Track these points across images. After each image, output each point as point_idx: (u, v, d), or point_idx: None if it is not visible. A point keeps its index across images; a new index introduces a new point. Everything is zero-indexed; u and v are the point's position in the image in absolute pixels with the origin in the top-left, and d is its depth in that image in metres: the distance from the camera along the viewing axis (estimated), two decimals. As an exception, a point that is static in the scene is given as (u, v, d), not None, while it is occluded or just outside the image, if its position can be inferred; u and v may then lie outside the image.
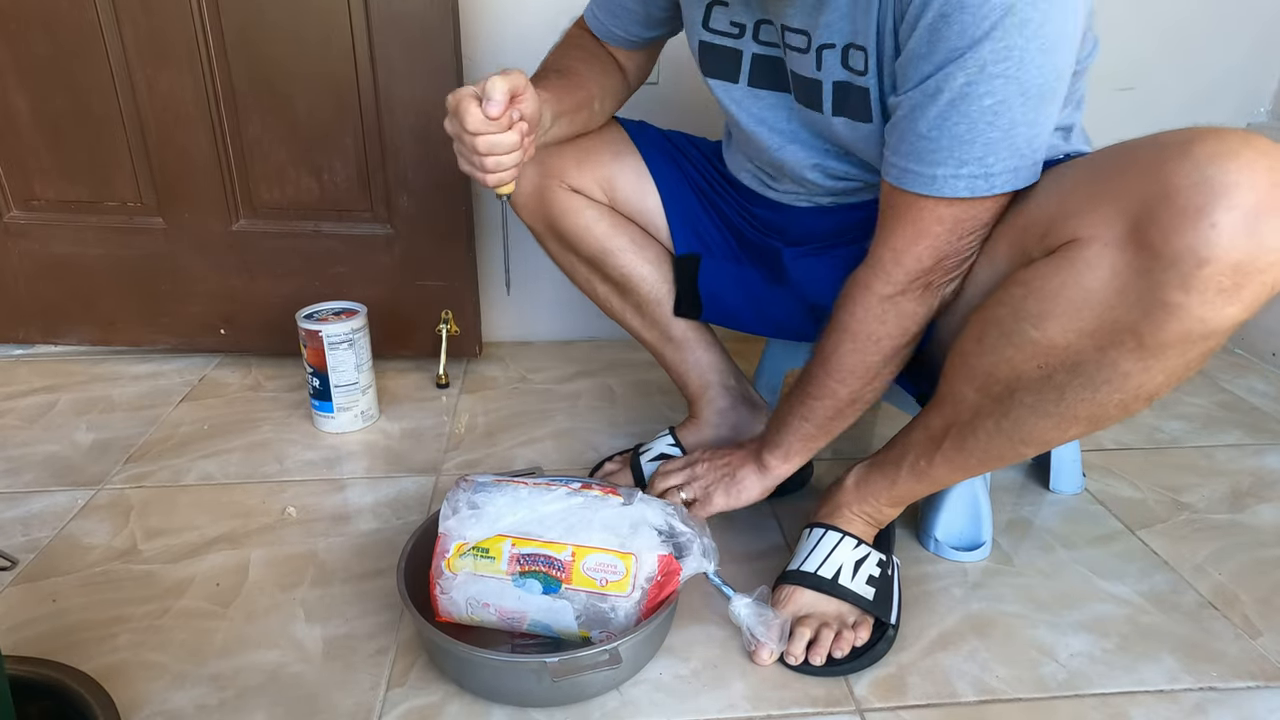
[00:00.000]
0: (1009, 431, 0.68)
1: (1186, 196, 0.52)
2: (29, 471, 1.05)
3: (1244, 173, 0.51)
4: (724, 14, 0.78)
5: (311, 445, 1.13)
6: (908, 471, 0.77)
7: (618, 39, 0.92)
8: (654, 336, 1.00)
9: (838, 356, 0.74)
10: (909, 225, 0.67)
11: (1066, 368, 0.61)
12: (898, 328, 0.72)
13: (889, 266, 0.69)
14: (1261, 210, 0.50)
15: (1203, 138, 0.53)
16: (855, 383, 0.75)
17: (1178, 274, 0.53)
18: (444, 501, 0.74)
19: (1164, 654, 0.76)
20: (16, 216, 1.30)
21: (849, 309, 0.73)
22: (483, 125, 0.70)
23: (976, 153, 0.62)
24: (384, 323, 1.25)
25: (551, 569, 0.70)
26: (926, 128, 0.62)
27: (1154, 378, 0.59)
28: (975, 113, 0.60)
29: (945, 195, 0.64)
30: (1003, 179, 0.63)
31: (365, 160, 1.25)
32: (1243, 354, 1.44)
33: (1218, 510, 0.99)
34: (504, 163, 0.72)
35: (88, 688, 0.64)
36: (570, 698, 0.70)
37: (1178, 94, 1.41)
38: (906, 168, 0.65)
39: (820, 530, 0.82)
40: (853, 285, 0.73)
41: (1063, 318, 0.60)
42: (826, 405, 0.77)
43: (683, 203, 0.94)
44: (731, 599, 0.75)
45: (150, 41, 1.17)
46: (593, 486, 0.76)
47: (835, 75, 0.70)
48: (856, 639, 0.75)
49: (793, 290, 0.90)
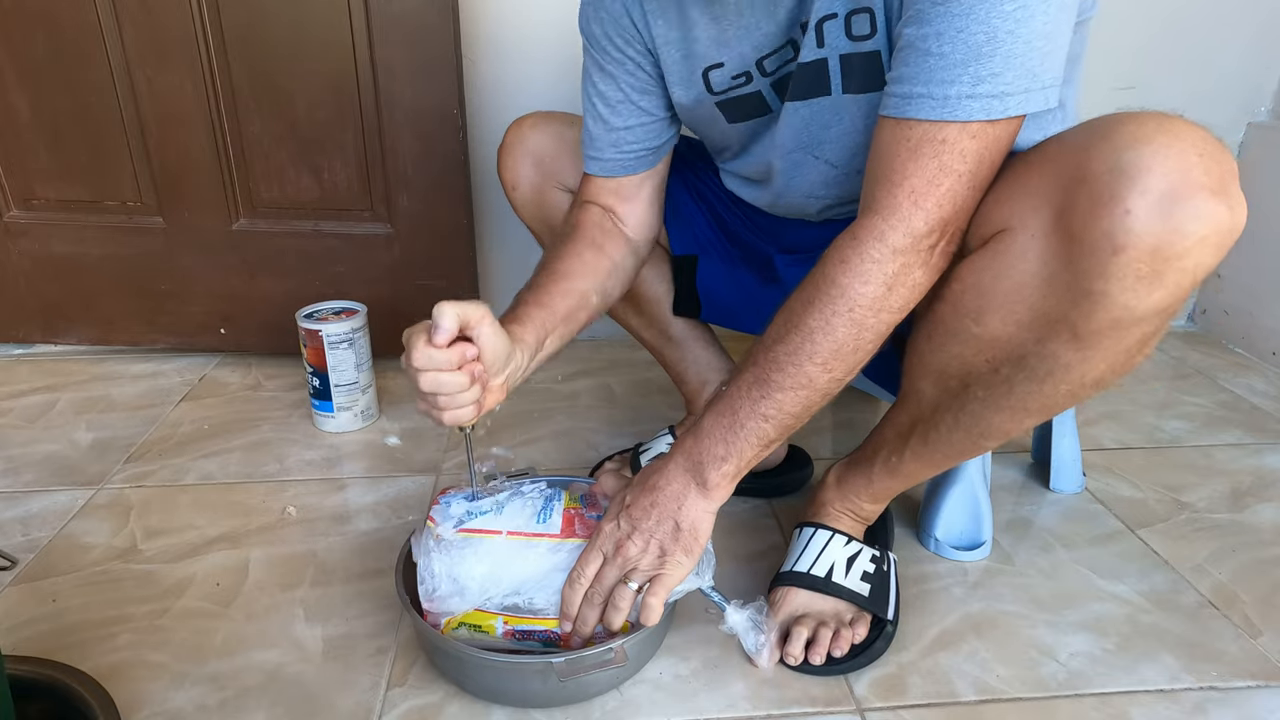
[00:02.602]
0: (967, 425, 0.68)
1: (1102, 183, 0.52)
2: (29, 471, 1.05)
3: (1157, 157, 0.50)
4: (722, 73, 0.75)
5: (311, 445, 1.13)
6: (881, 468, 0.78)
7: (626, 165, 0.83)
8: (653, 335, 1.01)
9: (825, 332, 0.62)
10: (930, 160, 0.58)
11: (1011, 361, 0.61)
12: (902, 296, 0.61)
13: (908, 211, 0.59)
14: (1176, 195, 0.50)
15: (1123, 122, 0.52)
16: (840, 366, 0.63)
17: (1097, 262, 0.53)
18: (420, 553, 0.70)
19: (1164, 653, 0.76)
20: (16, 216, 1.30)
21: (849, 268, 0.61)
22: (427, 361, 0.62)
23: (995, 67, 0.55)
24: (384, 322, 1.25)
25: (549, 637, 0.70)
26: (938, 43, 0.55)
27: (1095, 366, 0.59)
28: (997, 19, 0.53)
29: (959, 118, 0.56)
30: (1017, 100, 0.56)
31: (365, 160, 1.25)
32: (1243, 353, 1.44)
33: (1218, 510, 0.99)
34: (455, 400, 0.65)
35: (88, 688, 0.64)
36: (574, 697, 0.70)
37: (1178, 93, 1.41)
38: (911, 93, 0.57)
39: (810, 529, 0.82)
40: (854, 240, 0.61)
41: (1000, 311, 0.60)
42: (798, 398, 0.64)
43: (678, 204, 0.94)
44: (726, 611, 0.72)
45: (150, 41, 1.17)
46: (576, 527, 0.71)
47: (841, 48, 0.66)
48: (855, 637, 0.75)
49: (786, 291, 0.89)
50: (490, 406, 0.70)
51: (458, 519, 0.71)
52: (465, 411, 0.67)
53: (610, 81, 0.80)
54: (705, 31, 0.73)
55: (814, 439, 1.12)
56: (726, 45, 0.73)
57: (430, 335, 0.62)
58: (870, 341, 0.63)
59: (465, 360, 0.64)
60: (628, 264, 0.86)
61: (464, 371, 0.64)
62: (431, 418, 0.67)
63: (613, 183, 0.84)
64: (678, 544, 0.67)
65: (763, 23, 0.70)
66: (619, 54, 0.79)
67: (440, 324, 0.62)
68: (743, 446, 0.66)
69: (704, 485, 0.67)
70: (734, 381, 0.67)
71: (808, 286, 0.64)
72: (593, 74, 0.82)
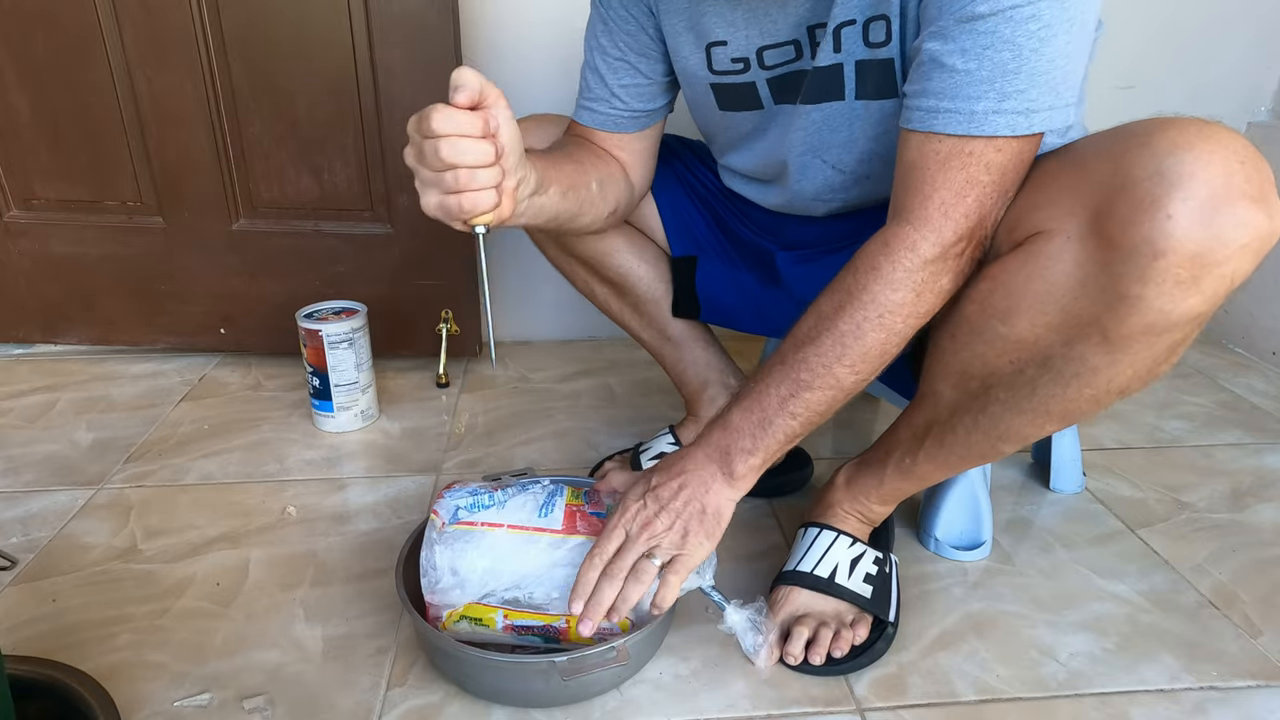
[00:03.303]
0: (986, 428, 0.68)
1: (1143, 188, 0.52)
2: (29, 471, 1.05)
3: (1199, 164, 0.50)
4: (724, 52, 0.76)
5: (311, 445, 1.13)
6: (894, 469, 0.77)
7: (618, 122, 0.84)
8: (652, 336, 1.00)
9: (856, 336, 0.64)
10: (958, 173, 0.60)
11: (1036, 363, 0.61)
12: (929, 303, 0.64)
13: (938, 222, 0.61)
14: (1217, 202, 0.50)
15: (1162, 129, 0.53)
16: (867, 368, 0.65)
17: (1136, 266, 0.53)
18: (424, 542, 0.70)
19: (1164, 653, 0.76)
20: (16, 216, 1.30)
21: (880, 275, 0.63)
22: (449, 123, 0.56)
23: (1020, 84, 0.56)
24: (384, 322, 1.25)
25: (548, 632, 0.70)
26: (963, 60, 0.57)
27: (1122, 371, 0.59)
28: (1021, 38, 0.55)
29: (985, 134, 0.58)
30: (1041, 117, 0.58)
31: (365, 160, 1.25)
32: (1243, 353, 1.44)
33: (1218, 510, 0.99)
34: (477, 178, 0.58)
35: (88, 688, 0.64)
36: (576, 696, 0.70)
37: (1178, 93, 1.41)
38: (938, 107, 0.59)
39: (815, 529, 0.81)
40: (885, 247, 0.63)
41: (1029, 312, 0.60)
42: (825, 397, 0.66)
43: (677, 205, 0.94)
44: (726, 610, 0.72)
45: (150, 41, 1.17)
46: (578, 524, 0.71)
47: (857, 54, 0.67)
48: (855, 638, 0.75)
49: (787, 291, 0.90)
50: (505, 216, 0.63)
51: (460, 512, 0.71)
52: (485, 195, 0.59)
53: (611, 38, 0.81)
54: (714, 7, 0.74)
55: (814, 439, 1.11)
56: (733, 26, 0.73)
57: (451, 98, 0.56)
58: (896, 345, 0.65)
59: (489, 131, 0.58)
60: (620, 184, 0.84)
61: (487, 141, 0.58)
62: (446, 208, 0.59)
63: (603, 135, 0.85)
64: (702, 526, 0.68)
65: (773, 11, 0.70)
66: (624, 12, 0.80)
67: (463, 83, 0.56)
68: (769, 441, 0.67)
69: (731, 475, 0.69)
70: (762, 378, 0.68)
71: (838, 291, 0.65)
72: (595, 25, 0.83)
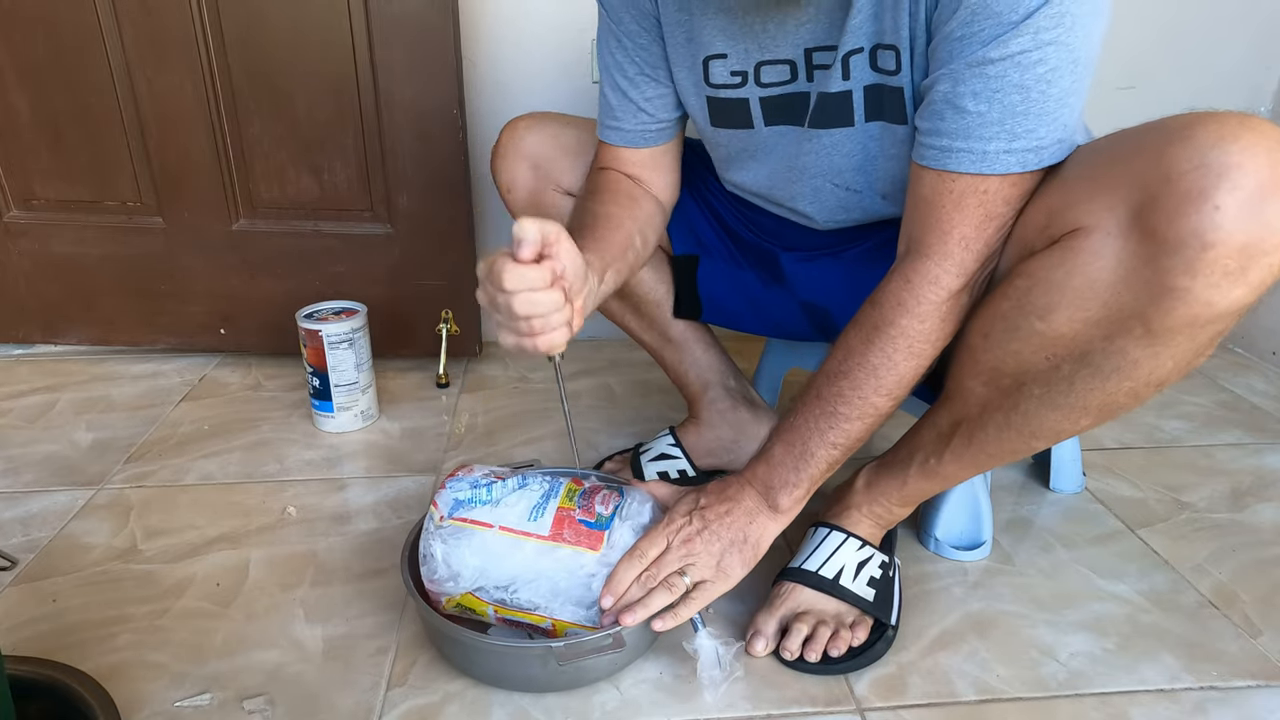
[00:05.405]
0: (1019, 425, 0.68)
1: (1189, 180, 0.52)
2: (29, 471, 1.05)
3: (1245, 154, 0.50)
4: (723, 65, 0.75)
5: (311, 445, 1.13)
6: (917, 470, 0.77)
7: (646, 136, 0.84)
8: (653, 338, 1.00)
9: (889, 367, 0.67)
10: (976, 210, 0.63)
11: (1074, 358, 0.61)
12: (954, 325, 0.67)
13: (960, 256, 0.64)
14: (1265, 191, 0.50)
15: (1203, 122, 0.53)
16: (900, 393, 0.69)
17: (1183, 259, 0.53)
18: (423, 530, 0.73)
19: (1164, 653, 0.76)
20: (16, 216, 1.30)
21: (906, 310, 0.66)
22: (520, 281, 0.60)
23: (1029, 124, 0.60)
24: (384, 322, 1.25)
25: (536, 629, 0.72)
26: (975, 102, 0.60)
27: (1163, 364, 0.59)
28: (1030, 81, 0.58)
29: (998, 172, 0.61)
30: (1050, 151, 0.61)
31: (365, 160, 1.25)
32: (1243, 353, 1.44)
33: (1218, 510, 0.99)
34: (551, 322, 0.62)
35: (88, 688, 0.64)
36: (573, 682, 0.71)
37: (1178, 93, 1.41)
38: (951, 147, 0.62)
39: (825, 530, 0.81)
40: (908, 284, 0.66)
41: (1069, 308, 0.60)
42: (864, 426, 0.70)
43: (679, 204, 0.94)
44: (699, 631, 0.71)
45: (150, 41, 1.17)
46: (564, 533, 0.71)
47: (866, 79, 0.68)
48: (854, 639, 0.75)
49: (790, 291, 0.89)
50: (577, 329, 0.66)
51: (456, 506, 0.72)
52: (560, 333, 0.64)
53: (627, 54, 0.81)
54: (714, 20, 0.74)
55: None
56: (733, 39, 0.73)
57: (516, 253, 0.60)
58: (925, 366, 0.69)
59: (556, 277, 0.62)
60: (657, 219, 0.86)
61: (556, 288, 0.62)
62: (523, 348, 0.64)
63: (632, 152, 0.85)
64: (740, 555, 0.72)
65: (771, 28, 0.70)
66: (634, 26, 0.79)
67: (525, 237, 0.59)
68: (813, 472, 0.72)
69: (775, 508, 0.73)
70: (799, 413, 0.72)
71: (864, 325, 0.69)
72: (609, 42, 0.82)
